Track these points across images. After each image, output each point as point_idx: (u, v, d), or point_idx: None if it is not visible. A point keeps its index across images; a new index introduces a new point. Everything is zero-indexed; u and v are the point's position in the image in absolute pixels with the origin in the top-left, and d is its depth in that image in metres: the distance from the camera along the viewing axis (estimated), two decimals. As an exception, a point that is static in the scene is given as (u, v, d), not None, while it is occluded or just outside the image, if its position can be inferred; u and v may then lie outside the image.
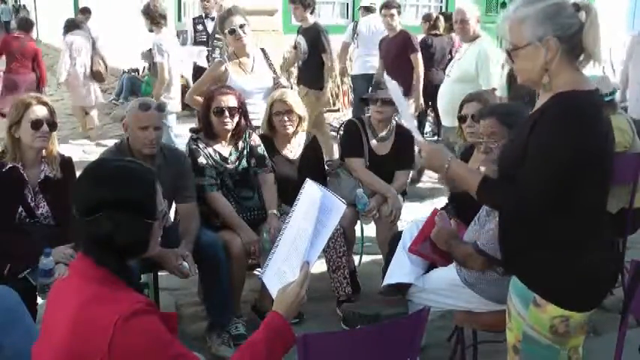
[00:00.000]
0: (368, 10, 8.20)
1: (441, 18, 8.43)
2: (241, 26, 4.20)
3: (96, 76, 8.26)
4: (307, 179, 2.01)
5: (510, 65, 2.09)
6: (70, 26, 8.44)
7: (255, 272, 3.80)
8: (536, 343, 2.04)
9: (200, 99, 4.08)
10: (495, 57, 4.88)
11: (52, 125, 3.02)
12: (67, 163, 3.14)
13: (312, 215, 1.82)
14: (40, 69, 8.31)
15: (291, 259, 1.85)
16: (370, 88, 4.33)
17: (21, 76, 8.10)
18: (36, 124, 2.95)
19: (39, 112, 2.98)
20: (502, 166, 2.15)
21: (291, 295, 1.76)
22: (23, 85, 7.88)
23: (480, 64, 4.80)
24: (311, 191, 1.93)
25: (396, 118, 4.12)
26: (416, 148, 2.95)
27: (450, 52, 8.31)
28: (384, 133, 4.05)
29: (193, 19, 8.40)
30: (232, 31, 4.22)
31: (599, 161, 1.93)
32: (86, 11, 10.86)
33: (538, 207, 1.92)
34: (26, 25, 8.58)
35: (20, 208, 2.99)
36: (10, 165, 2.97)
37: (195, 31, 8.09)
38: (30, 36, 8.62)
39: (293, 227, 1.94)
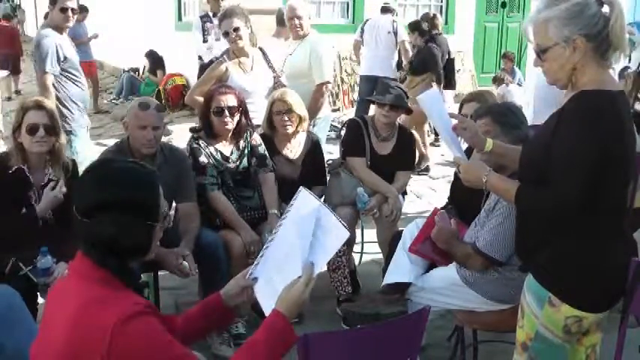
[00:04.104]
0: (386, 10, 8.16)
1: (439, 16, 8.39)
2: (235, 29, 4.17)
3: None
4: (301, 188, 1.99)
5: (539, 66, 2.08)
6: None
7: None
8: (548, 342, 2.05)
9: (200, 99, 4.08)
10: (327, 52, 4.87)
11: (50, 129, 2.98)
12: (72, 167, 3.13)
13: (310, 233, 1.81)
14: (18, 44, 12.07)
15: (284, 270, 1.83)
16: (375, 91, 4.30)
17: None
18: (32, 130, 2.94)
19: (35, 117, 2.95)
20: (523, 165, 2.15)
21: (295, 295, 1.76)
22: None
23: (313, 60, 4.74)
24: (310, 204, 1.90)
25: (398, 120, 4.13)
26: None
27: (449, 52, 8.29)
28: (386, 134, 4.05)
29: (201, 17, 8.26)
30: (226, 34, 4.23)
31: (622, 161, 1.93)
32: (83, 10, 10.87)
33: (577, 210, 1.91)
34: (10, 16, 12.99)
35: (23, 210, 2.99)
36: (16, 167, 2.97)
37: (204, 29, 7.99)
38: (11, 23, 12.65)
39: (286, 238, 1.91)
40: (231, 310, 1.96)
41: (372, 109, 4.29)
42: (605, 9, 1.92)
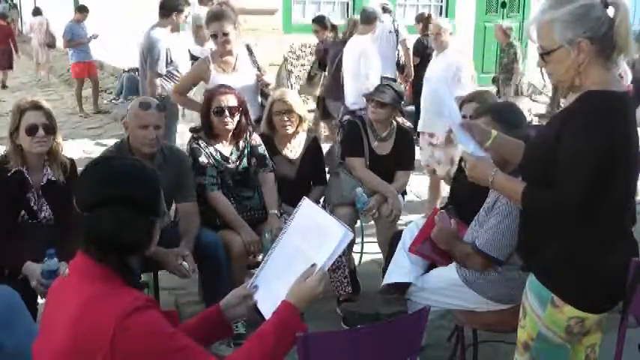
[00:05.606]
0: (383, 10, 8.13)
1: (434, 17, 8.39)
2: (225, 34, 4.09)
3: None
4: (304, 198, 2.02)
5: (542, 67, 2.08)
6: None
7: (254, 271, 3.82)
8: (549, 342, 2.05)
9: (186, 97, 4.15)
10: None
11: (49, 129, 2.97)
12: (70, 166, 3.12)
13: (317, 241, 1.82)
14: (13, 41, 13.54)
15: (286, 278, 1.83)
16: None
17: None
18: (31, 130, 2.93)
19: (33, 117, 2.94)
20: (527, 166, 2.15)
21: (308, 289, 1.78)
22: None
23: None
24: (313, 213, 1.92)
25: (398, 119, 4.13)
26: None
27: None
28: (384, 134, 4.05)
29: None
30: (214, 36, 4.16)
31: (626, 161, 1.92)
32: (83, 10, 10.87)
33: (581, 212, 1.90)
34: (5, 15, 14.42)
35: (22, 212, 2.99)
36: (15, 169, 2.96)
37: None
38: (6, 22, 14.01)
39: (289, 246, 1.93)
40: (228, 323, 1.96)
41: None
42: (610, 11, 1.91)
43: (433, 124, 5.27)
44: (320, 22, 7.60)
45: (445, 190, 5.29)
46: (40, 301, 2.80)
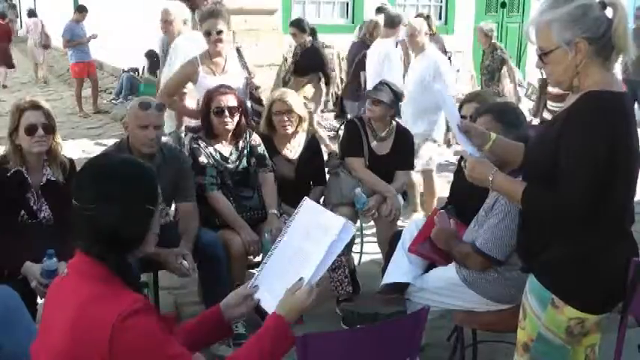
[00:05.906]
0: (380, 10, 8.13)
1: (433, 17, 8.36)
2: (219, 32, 3.99)
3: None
4: (305, 197, 2.03)
5: (540, 67, 2.07)
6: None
7: (254, 271, 3.82)
8: (549, 343, 2.05)
9: (171, 99, 4.11)
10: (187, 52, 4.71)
11: (48, 128, 2.97)
12: (70, 166, 3.12)
13: (318, 238, 1.82)
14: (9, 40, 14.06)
15: (287, 277, 1.83)
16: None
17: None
18: (30, 130, 2.93)
19: (32, 117, 2.95)
20: (529, 167, 2.14)
21: (298, 301, 1.78)
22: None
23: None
24: (314, 212, 1.93)
25: (397, 119, 4.13)
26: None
27: (445, 52, 8.29)
28: (383, 133, 4.06)
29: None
30: (208, 34, 4.02)
31: (627, 161, 1.92)
32: (83, 10, 10.88)
33: (582, 212, 1.90)
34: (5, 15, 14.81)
35: (22, 212, 2.99)
36: (15, 169, 2.97)
37: None
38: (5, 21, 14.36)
39: (290, 246, 1.93)
40: (229, 324, 1.96)
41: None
42: (609, 11, 1.92)
43: (412, 126, 5.27)
44: (298, 25, 7.46)
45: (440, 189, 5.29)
46: (40, 301, 2.80)
